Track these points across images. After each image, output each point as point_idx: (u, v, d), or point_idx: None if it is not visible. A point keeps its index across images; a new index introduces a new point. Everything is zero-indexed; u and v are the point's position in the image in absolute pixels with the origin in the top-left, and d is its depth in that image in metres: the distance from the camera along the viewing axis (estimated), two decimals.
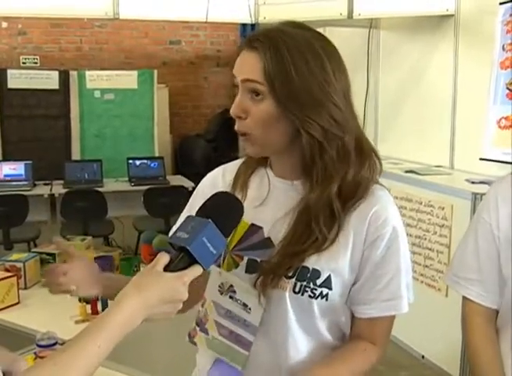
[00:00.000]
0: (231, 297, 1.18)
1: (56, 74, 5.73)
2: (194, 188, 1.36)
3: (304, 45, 1.08)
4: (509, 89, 3.41)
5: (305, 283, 1.11)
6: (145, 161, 5.57)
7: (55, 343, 1.60)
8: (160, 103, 6.05)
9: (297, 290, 1.12)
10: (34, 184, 5.19)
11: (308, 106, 1.07)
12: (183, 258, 0.97)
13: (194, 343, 1.25)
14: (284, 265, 1.11)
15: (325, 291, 1.12)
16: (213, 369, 1.21)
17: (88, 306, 2.11)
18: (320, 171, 1.10)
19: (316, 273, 1.11)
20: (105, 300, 2.06)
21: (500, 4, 3.45)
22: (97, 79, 5.81)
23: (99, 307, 2.11)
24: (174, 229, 1.12)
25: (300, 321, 1.14)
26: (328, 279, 1.12)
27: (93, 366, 0.87)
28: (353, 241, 1.13)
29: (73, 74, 5.77)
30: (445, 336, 3.26)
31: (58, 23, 6.43)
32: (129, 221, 5.12)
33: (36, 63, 6.47)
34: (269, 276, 1.11)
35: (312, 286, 1.11)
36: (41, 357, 1.56)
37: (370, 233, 1.13)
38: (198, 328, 1.24)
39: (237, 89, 1.12)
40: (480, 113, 3.61)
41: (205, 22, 4.65)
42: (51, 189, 5.11)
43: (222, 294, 1.19)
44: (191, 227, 0.98)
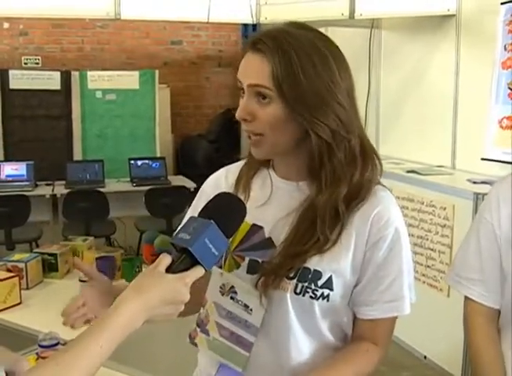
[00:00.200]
0: (232, 298, 1.18)
1: (58, 75, 5.73)
2: (196, 188, 1.37)
3: (309, 47, 1.08)
4: (510, 89, 3.41)
5: (306, 284, 1.11)
6: (146, 162, 5.57)
7: (57, 343, 1.60)
8: (162, 104, 6.04)
9: (299, 291, 1.11)
10: (36, 184, 5.19)
11: (316, 107, 1.07)
12: (185, 260, 0.96)
13: (195, 344, 1.25)
14: (285, 265, 1.11)
15: (326, 292, 1.12)
16: (217, 375, 1.21)
17: None
18: (329, 174, 1.10)
19: (318, 274, 1.11)
20: None
21: (502, 4, 3.45)
22: (98, 79, 5.81)
23: None
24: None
25: (301, 322, 1.14)
26: (329, 280, 1.12)
27: (95, 366, 0.88)
28: (355, 242, 1.13)
29: (74, 75, 5.77)
30: (447, 336, 3.25)
31: (59, 24, 6.44)
32: (131, 221, 5.13)
33: (38, 64, 6.49)
34: (271, 276, 1.11)
35: (314, 287, 1.11)
36: (43, 357, 1.56)
37: (372, 234, 1.12)
38: (199, 329, 1.24)
39: (242, 92, 1.12)
40: (481, 113, 3.60)
41: (207, 22, 4.64)
42: (53, 189, 5.11)
43: (223, 295, 1.19)
44: (193, 228, 0.97)
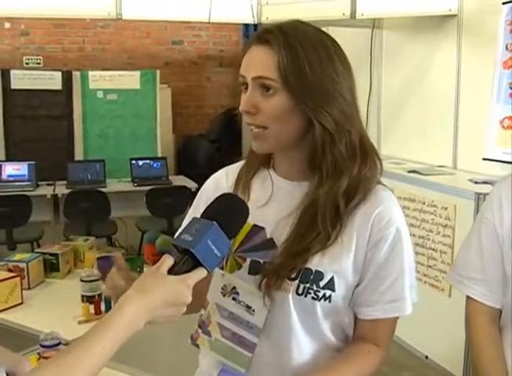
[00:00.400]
0: (234, 299, 1.17)
1: (59, 75, 5.72)
2: (197, 188, 1.37)
3: (315, 41, 1.09)
4: None
5: (308, 285, 1.11)
6: (147, 162, 5.57)
7: (58, 343, 1.60)
8: (163, 103, 6.04)
9: (300, 292, 1.11)
10: (37, 184, 5.19)
11: (321, 97, 1.08)
12: (187, 261, 0.96)
13: (197, 345, 1.25)
14: (287, 266, 1.11)
15: (328, 293, 1.11)
16: None
17: (92, 307, 2.11)
18: (330, 166, 1.10)
19: (319, 275, 1.11)
20: (108, 301, 2.06)
21: (503, 3, 3.45)
22: (100, 79, 5.80)
23: (103, 307, 2.11)
24: (179, 231, 1.12)
25: (303, 323, 1.14)
26: (331, 280, 1.11)
27: (97, 367, 0.88)
28: (356, 242, 1.12)
29: (75, 75, 5.76)
30: (449, 336, 3.25)
31: (61, 24, 6.44)
32: (132, 221, 5.13)
33: (39, 64, 6.49)
34: (273, 277, 1.11)
35: (315, 288, 1.11)
36: (45, 357, 1.56)
37: (374, 234, 1.12)
38: (200, 330, 1.24)
39: (245, 87, 1.12)
40: (483, 112, 3.60)
41: (208, 22, 4.64)
42: (54, 189, 5.11)
43: (225, 296, 1.19)
44: (195, 229, 0.97)
